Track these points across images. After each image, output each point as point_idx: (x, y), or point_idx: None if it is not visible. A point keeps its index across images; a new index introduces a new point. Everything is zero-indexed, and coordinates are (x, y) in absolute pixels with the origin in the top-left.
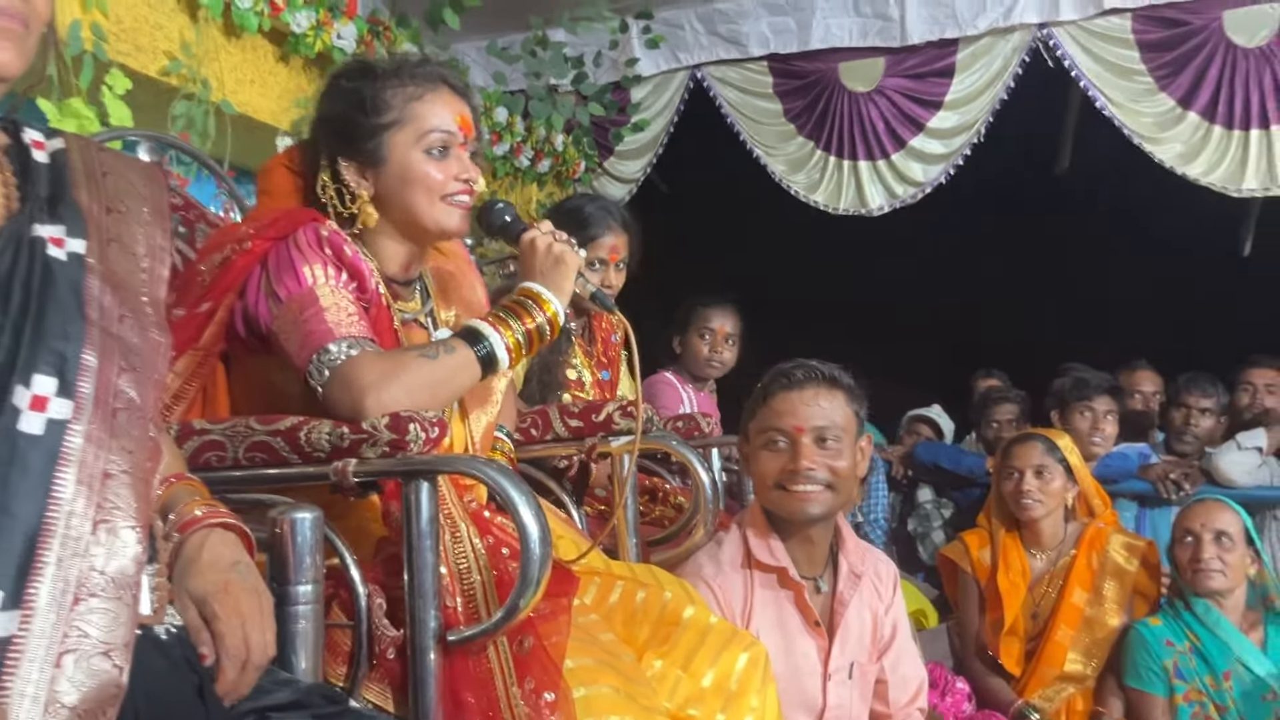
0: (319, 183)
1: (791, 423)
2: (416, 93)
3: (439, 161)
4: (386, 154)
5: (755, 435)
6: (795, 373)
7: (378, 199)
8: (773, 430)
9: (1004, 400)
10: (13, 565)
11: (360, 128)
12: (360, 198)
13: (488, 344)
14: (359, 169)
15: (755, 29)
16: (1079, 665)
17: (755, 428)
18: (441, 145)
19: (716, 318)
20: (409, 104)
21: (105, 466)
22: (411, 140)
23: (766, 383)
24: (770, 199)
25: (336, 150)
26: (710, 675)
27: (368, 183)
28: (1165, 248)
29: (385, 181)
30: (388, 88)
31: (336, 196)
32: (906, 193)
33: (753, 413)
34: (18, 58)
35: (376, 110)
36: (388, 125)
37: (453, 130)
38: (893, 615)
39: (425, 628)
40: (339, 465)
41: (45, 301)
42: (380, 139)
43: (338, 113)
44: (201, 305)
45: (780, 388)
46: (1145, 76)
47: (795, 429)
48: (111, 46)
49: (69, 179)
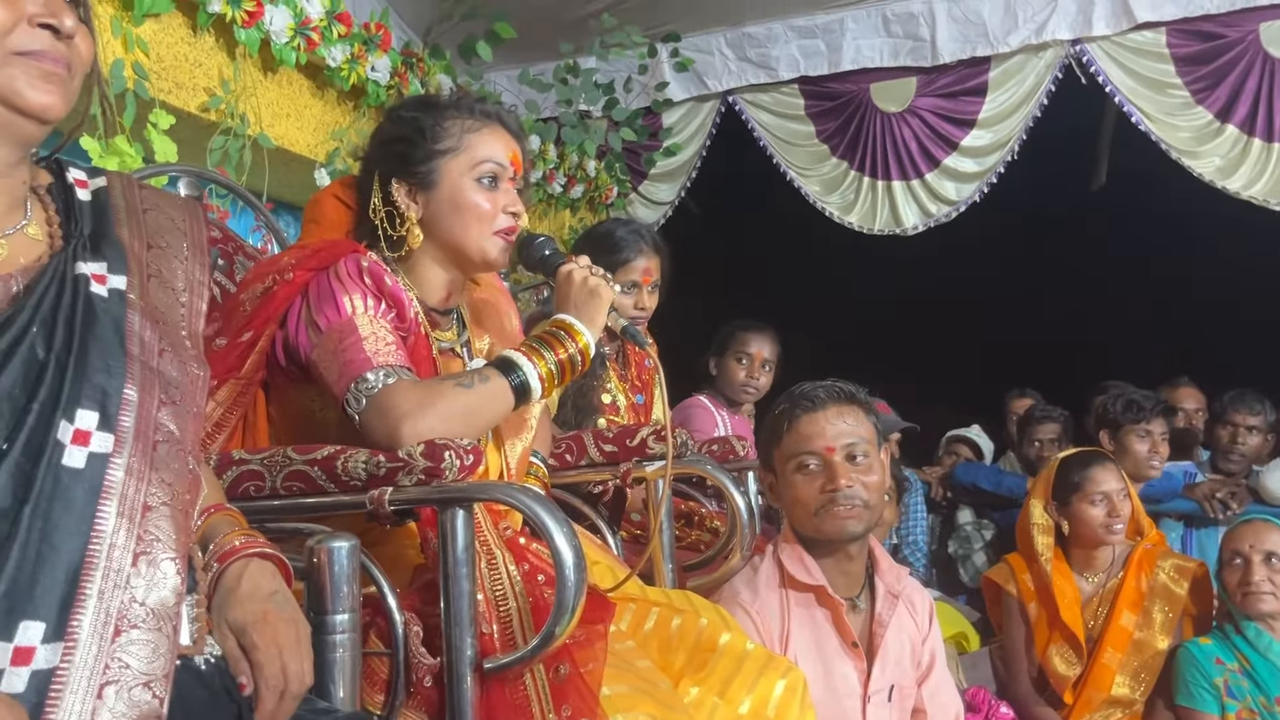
0: (370, 205)
1: (821, 444)
2: (473, 125)
3: (488, 191)
4: (439, 179)
5: (784, 462)
6: (815, 394)
7: (425, 223)
8: (804, 454)
9: (1047, 419)
10: (56, 598)
11: (416, 152)
12: (409, 219)
13: (521, 373)
14: (410, 191)
15: (785, 52)
16: (1127, 689)
17: (782, 454)
18: (492, 176)
19: (754, 342)
20: (465, 135)
21: (145, 499)
22: (464, 168)
23: (786, 408)
24: (803, 220)
25: (390, 172)
26: (747, 702)
27: (417, 205)
28: (1206, 263)
29: (434, 206)
30: (446, 118)
31: (386, 219)
32: (941, 212)
33: (776, 440)
34: (62, 100)
35: (434, 137)
36: (443, 152)
37: (504, 164)
38: (930, 644)
39: (462, 655)
40: (375, 494)
41: (88, 337)
42: (434, 164)
43: (396, 136)
44: (243, 335)
45: (804, 410)
46: (1181, 90)
47: (826, 450)
48: (153, 85)
49: (111, 216)
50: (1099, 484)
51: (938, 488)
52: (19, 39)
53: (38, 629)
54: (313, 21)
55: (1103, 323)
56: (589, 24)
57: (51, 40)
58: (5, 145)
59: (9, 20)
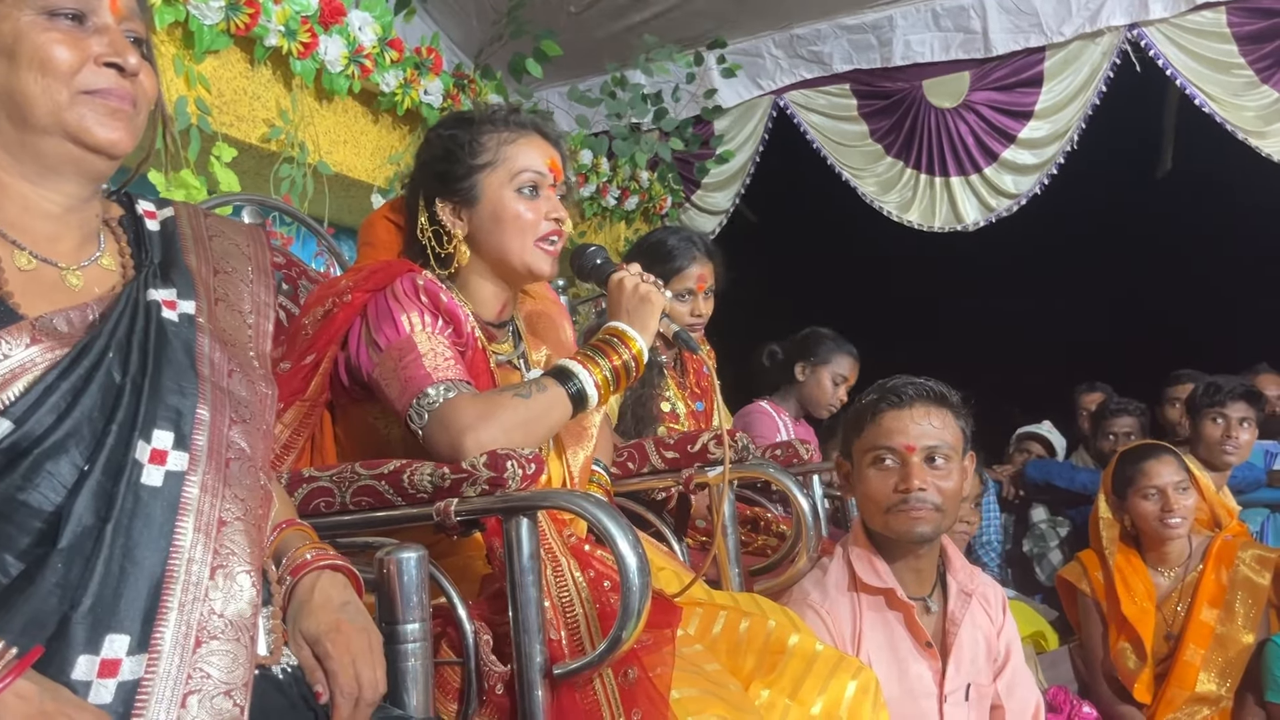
0: (418, 226)
1: (902, 442)
2: (510, 137)
3: (530, 201)
4: (480, 194)
5: (861, 454)
6: (905, 390)
7: (471, 238)
8: (882, 449)
9: (1121, 412)
10: (139, 611)
11: (456, 169)
12: (455, 237)
13: (577, 381)
14: (454, 209)
15: (836, 48)
16: (1213, 685)
17: (861, 446)
18: (532, 185)
19: (851, 366)
20: (502, 147)
21: (220, 514)
22: (504, 179)
23: (873, 401)
24: (861, 220)
25: (434, 192)
26: (819, 704)
27: (462, 222)
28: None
29: (478, 221)
30: (483, 133)
31: (434, 238)
32: (1001, 205)
33: (858, 431)
34: (128, 135)
35: (472, 153)
36: (482, 166)
37: (543, 171)
38: (1005, 638)
39: (531, 662)
40: (441, 505)
41: (161, 361)
42: (474, 179)
43: (436, 156)
44: (306, 357)
45: (890, 405)
46: (1245, 70)
47: (906, 448)
48: (215, 119)
49: (179, 244)
50: (1151, 477)
51: (1009, 486)
52: (86, 78)
53: (123, 642)
54: (365, 49)
55: (1174, 312)
56: (634, 38)
57: (117, 78)
58: (77, 181)
59: (77, 61)
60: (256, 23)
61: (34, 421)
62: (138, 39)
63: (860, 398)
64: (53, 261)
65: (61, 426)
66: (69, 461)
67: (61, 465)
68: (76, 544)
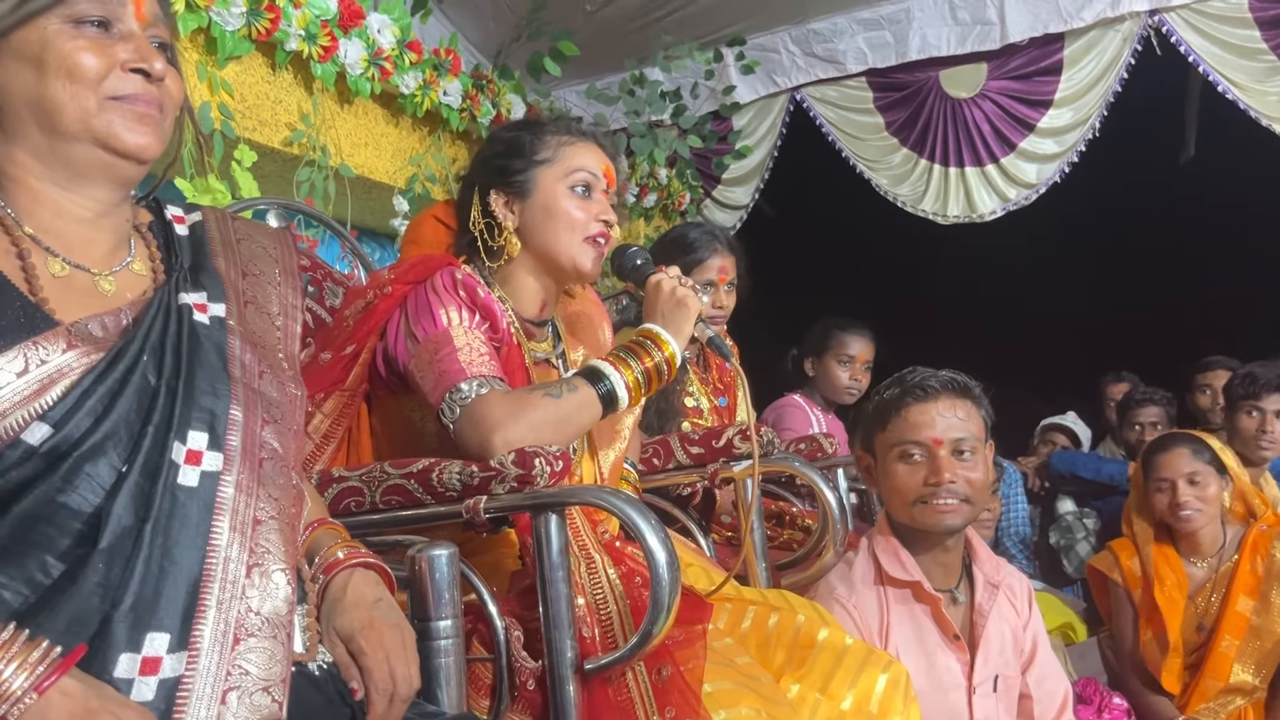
0: (470, 218)
1: (929, 435)
2: (569, 140)
3: (581, 200)
4: (534, 187)
5: (886, 449)
6: (930, 383)
7: (521, 231)
8: (909, 443)
9: (1148, 402)
10: (179, 609)
11: (515, 163)
12: (506, 229)
13: (608, 383)
14: (507, 201)
15: (852, 45)
16: (1248, 676)
17: (886, 440)
18: (585, 185)
19: (856, 344)
20: (561, 147)
21: (255, 513)
22: (559, 176)
23: (897, 395)
24: (883, 213)
25: (489, 184)
26: (850, 697)
27: (514, 215)
28: None
29: (530, 214)
30: (545, 133)
31: (486, 230)
32: (1020, 195)
33: (882, 424)
34: (156, 140)
35: (532, 150)
36: (539, 161)
37: (597, 174)
38: (1032, 629)
39: (563, 657)
40: (470, 503)
41: (194, 363)
42: (530, 173)
43: (497, 152)
44: (346, 348)
45: (915, 399)
46: (1269, 55)
47: (933, 441)
48: (238, 124)
49: (208, 248)
50: (1161, 470)
51: (1034, 478)
52: (113, 84)
53: (163, 640)
54: (385, 51)
55: (1199, 300)
56: (651, 36)
57: (144, 84)
58: (107, 186)
59: (103, 67)
60: (277, 27)
61: (72, 425)
62: (163, 44)
63: (879, 390)
64: (85, 267)
65: (99, 429)
66: (107, 463)
67: (100, 467)
68: (116, 544)
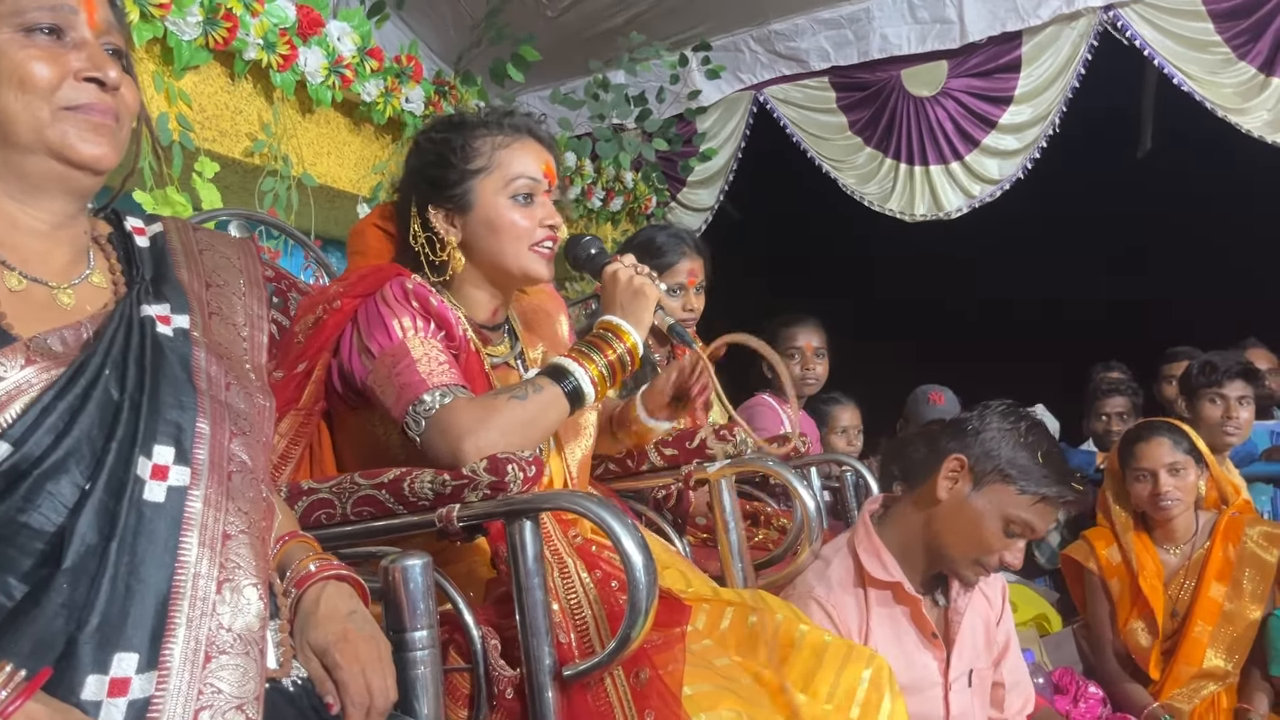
0: (410, 233)
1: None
2: (504, 141)
3: (524, 208)
4: (474, 200)
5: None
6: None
7: (465, 245)
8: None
9: (1115, 392)
10: (147, 629)
11: (449, 175)
12: (449, 244)
13: (573, 379)
14: (447, 216)
15: (814, 44)
16: (1220, 661)
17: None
18: (527, 192)
19: (801, 335)
20: (496, 152)
21: (224, 528)
22: (498, 186)
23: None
24: (847, 213)
25: (426, 198)
26: (833, 695)
27: (456, 229)
28: (1264, 221)
29: (472, 228)
30: (476, 137)
31: (427, 245)
32: (984, 192)
33: None
34: (112, 150)
35: (465, 157)
36: (475, 172)
37: (538, 178)
38: (1004, 625)
39: (541, 665)
40: (443, 512)
41: (158, 376)
42: (468, 185)
43: (428, 161)
44: (298, 366)
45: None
46: (1221, 47)
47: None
48: (197, 134)
49: (170, 260)
50: (1142, 459)
51: None
52: (67, 94)
53: (132, 660)
54: (345, 59)
55: (1161, 290)
56: (616, 39)
57: (98, 93)
58: (63, 198)
59: (56, 77)
60: (235, 36)
61: (32, 443)
62: (117, 51)
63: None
64: (43, 281)
65: (61, 446)
66: (70, 481)
67: (62, 485)
68: (81, 563)
